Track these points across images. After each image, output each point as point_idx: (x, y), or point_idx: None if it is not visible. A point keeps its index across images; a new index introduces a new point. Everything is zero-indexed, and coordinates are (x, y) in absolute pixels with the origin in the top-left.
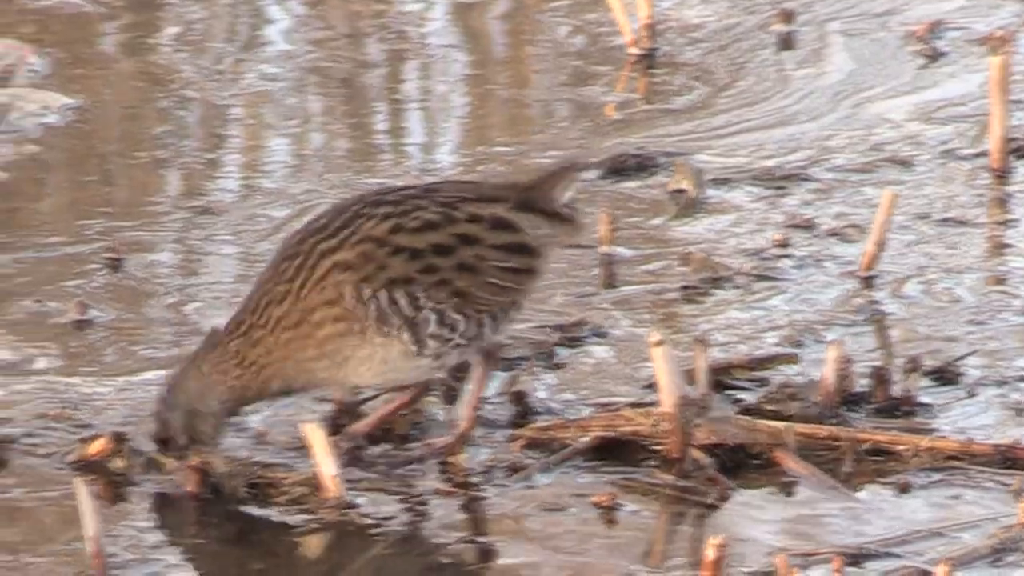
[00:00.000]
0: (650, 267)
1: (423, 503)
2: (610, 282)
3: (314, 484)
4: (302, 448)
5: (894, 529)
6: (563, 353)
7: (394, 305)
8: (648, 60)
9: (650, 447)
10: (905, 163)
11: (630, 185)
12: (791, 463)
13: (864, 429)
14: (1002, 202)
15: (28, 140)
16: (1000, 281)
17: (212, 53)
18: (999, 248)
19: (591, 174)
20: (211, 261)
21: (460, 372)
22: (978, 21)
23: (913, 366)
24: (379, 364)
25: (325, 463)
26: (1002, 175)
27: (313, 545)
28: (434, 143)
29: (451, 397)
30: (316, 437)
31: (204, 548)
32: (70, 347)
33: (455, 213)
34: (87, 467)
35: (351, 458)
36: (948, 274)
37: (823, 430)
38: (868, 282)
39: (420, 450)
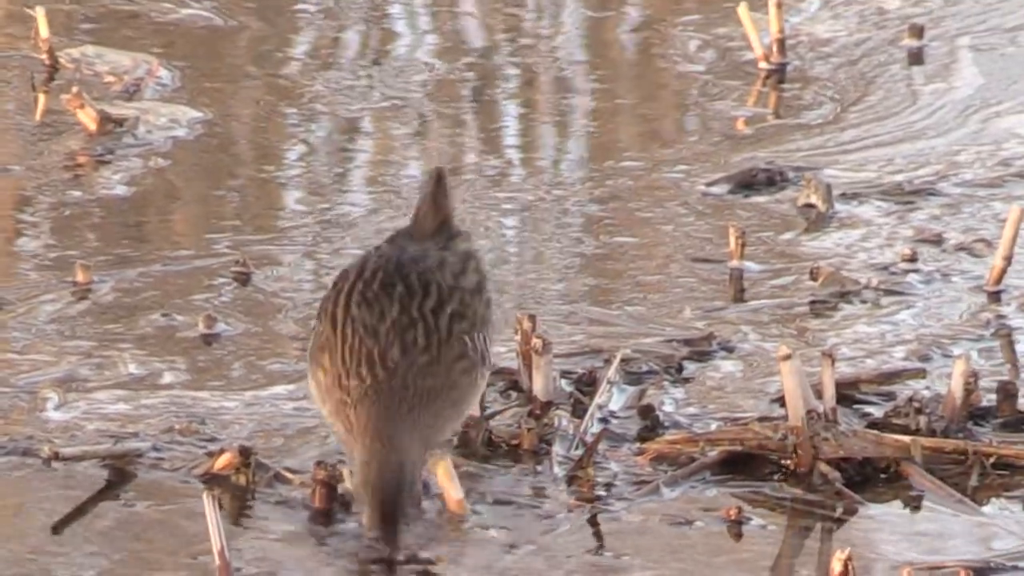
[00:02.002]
0: (779, 281)
1: (550, 517)
2: (739, 296)
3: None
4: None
5: (1020, 543)
6: (691, 367)
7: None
8: (778, 75)
9: (777, 461)
10: None
11: (759, 200)
12: (918, 477)
13: (990, 443)
14: None
15: (156, 154)
16: None
17: (341, 67)
18: None
19: (720, 188)
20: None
21: (588, 386)
22: None
23: None
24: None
25: (450, 487)
26: None
27: (441, 561)
28: (562, 158)
29: (579, 410)
30: (442, 466)
31: (331, 564)
32: (198, 361)
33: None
34: (213, 481)
35: None
36: None
37: (949, 444)
38: (996, 297)
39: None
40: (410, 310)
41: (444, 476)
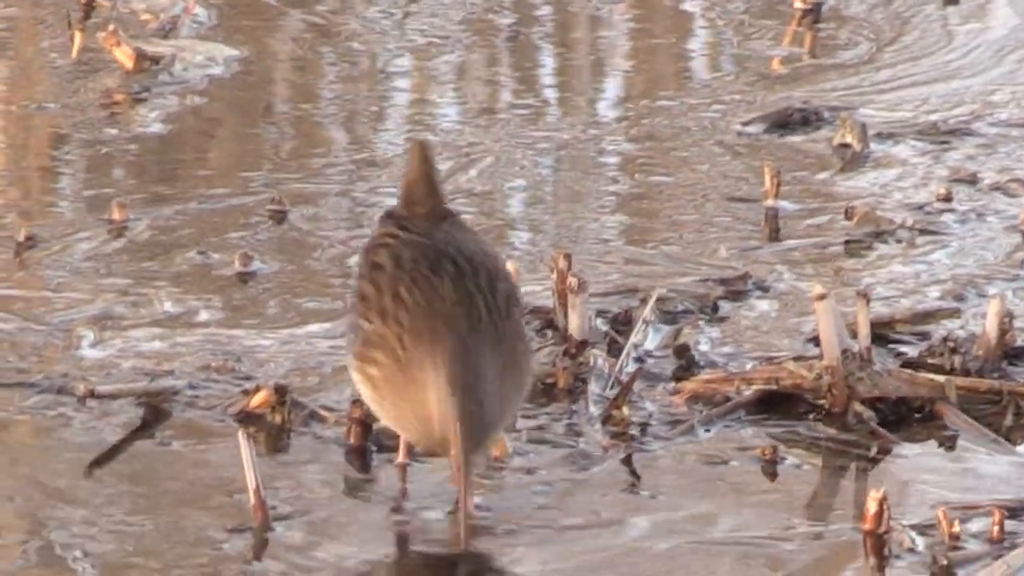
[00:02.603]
0: (814, 221)
1: (586, 456)
2: (774, 236)
3: None
4: None
5: None
6: (726, 307)
7: None
8: (814, 14)
9: (812, 401)
10: None
11: (795, 139)
12: (952, 417)
13: None
14: None
15: (193, 92)
16: None
17: (378, 5)
18: None
19: (756, 128)
20: (375, 213)
21: (624, 325)
22: None
23: None
24: None
25: None
26: None
27: (475, 498)
28: (598, 97)
29: (614, 350)
30: None
31: (366, 501)
32: (233, 299)
33: None
34: (249, 419)
35: None
36: None
37: (984, 384)
38: None
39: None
40: (466, 286)
41: None
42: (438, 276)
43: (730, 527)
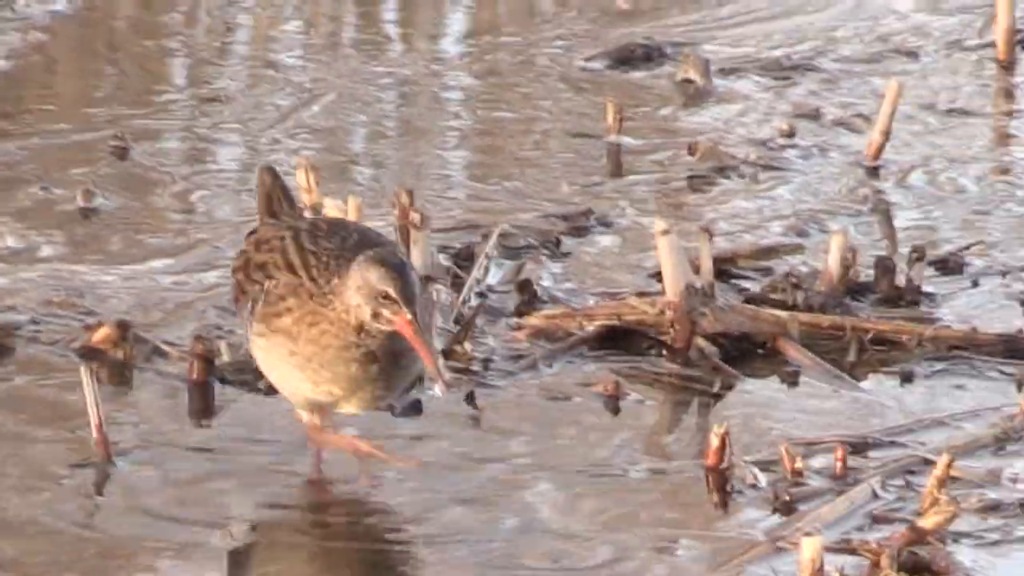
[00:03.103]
0: (656, 157)
1: (427, 390)
2: (617, 172)
3: None
4: None
5: (897, 418)
6: (569, 242)
7: None
8: None
9: (655, 336)
10: (911, 54)
11: (637, 75)
12: (795, 353)
13: (868, 319)
14: (1007, 93)
15: (35, 28)
16: (1005, 171)
17: None
18: (1004, 139)
19: (598, 64)
20: (218, 150)
21: (466, 260)
22: None
23: (917, 256)
24: None
25: None
26: (1008, 66)
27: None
28: (441, 33)
29: (457, 285)
30: None
31: (207, 435)
32: (76, 235)
33: None
34: (92, 355)
35: None
36: (953, 164)
37: (827, 320)
38: (873, 172)
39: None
40: (370, 235)
41: None
42: (344, 229)
43: (573, 462)
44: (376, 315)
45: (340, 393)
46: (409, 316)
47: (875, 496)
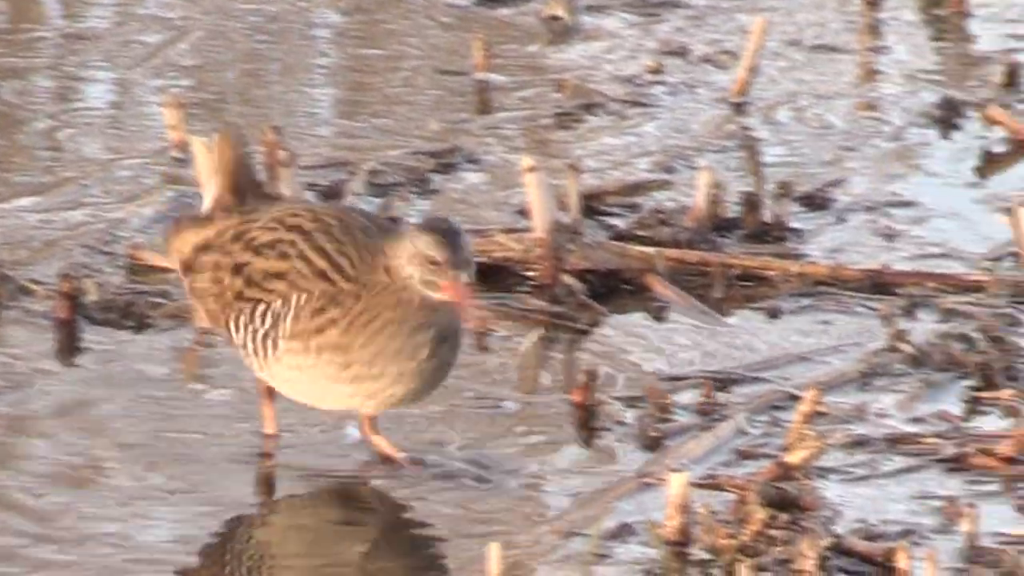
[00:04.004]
0: (524, 94)
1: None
2: (484, 109)
3: (185, 313)
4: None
5: (764, 354)
6: (436, 179)
7: None
8: None
9: (522, 273)
10: None
11: (504, 12)
12: (662, 288)
13: (735, 254)
14: (873, 29)
15: None
16: (870, 107)
17: None
18: (870, 75)
19: (465, 0)
20: (85, 87)
21: (334, 198)
22: None
23: (784, 192)
24: None
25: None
26: (873, 2)
27: (185, 367)
28: None
29: None
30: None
31: (76, 374)
32: None
33: None
34: None
35: None
36: (819, 100)
37: (694, 255)
38: (740, 108)
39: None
40: (368, 215)
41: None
42: (346, 215)
43: (441, 398)
44: (428, 282)
45: (398, 395)
46: (458, 280)
47: (741, 432)
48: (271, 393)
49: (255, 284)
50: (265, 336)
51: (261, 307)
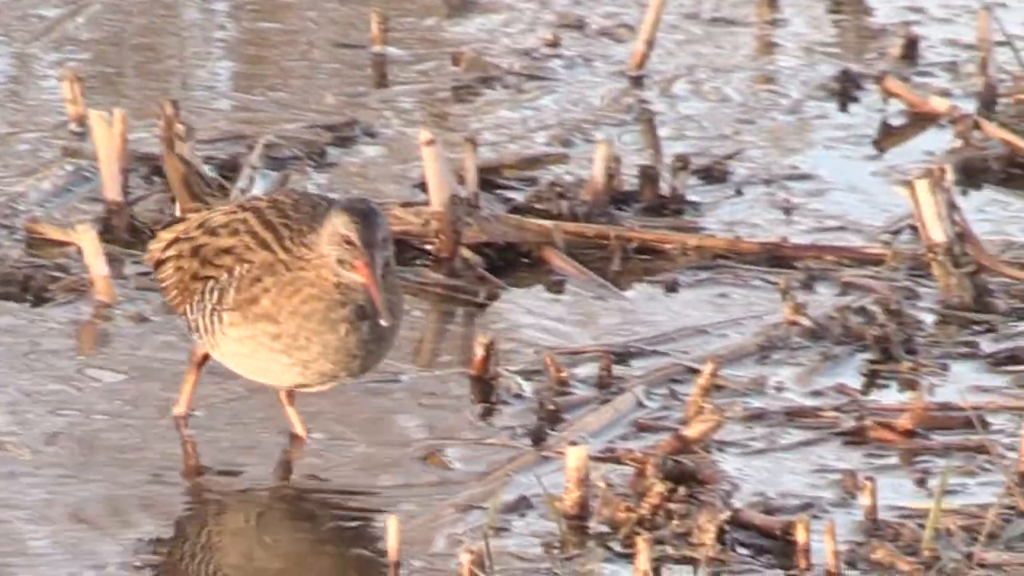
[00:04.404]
0: (421, 67)
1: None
2: (381, 82)
3: (83, 286)
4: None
5: (662, 327)
6: (334, 153)
7: None
8: None
9: (420, 246)
10: None
11: None
12: (560, 262)
13: (632, 228)
14: (770, 1)
15: None
16: (768, 80)
17: None
18: (767, 47)
19: None
20: None
21: (231, 171)
22: None
23: (681, 165)
24: None
25: (96, 263)
26: None
27: (82, 341)
28: None
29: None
30: (87, 239)
31: None
32: None
33: None
34: None
35: None
36: (717, 73)
37: (591, 229)
38: (638, 81)
39: None
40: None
41: (91, 252)
42: (308, 200)
43: None
44: (341, 261)
45: (330, 368)
46: (366, 259)
47: (640, 405)
48: (197, 368)
49: (208, 262)
50: (212, 311)
51: (211, 283)
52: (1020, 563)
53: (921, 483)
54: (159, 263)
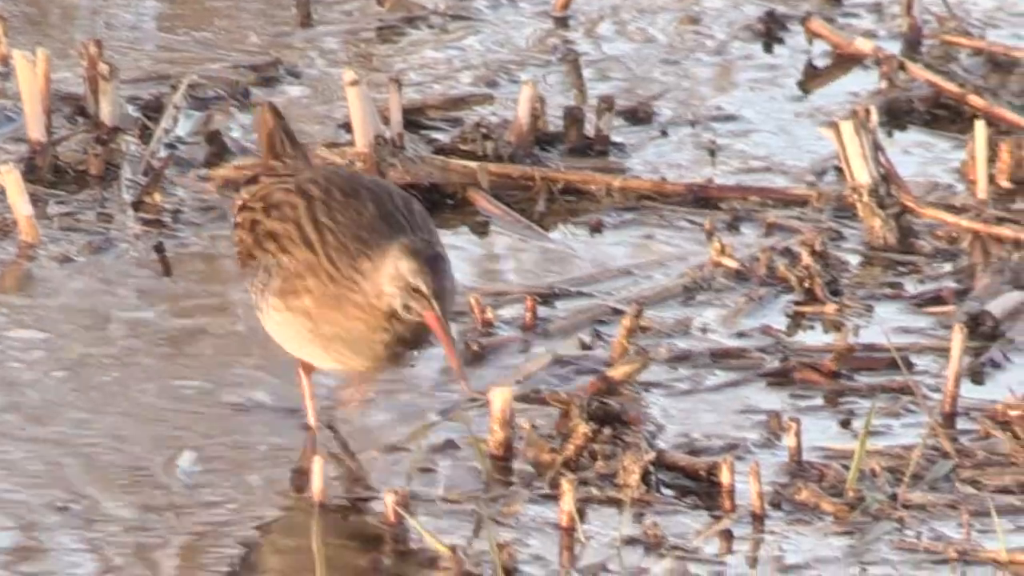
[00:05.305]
0: (346, 7)
1: (111, 242)
2: (306, 22)
3: (7, 227)
4: None
5: (586, 268)
6: (258, 92)
7: None
8: None
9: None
10: None
11: None
12: (485, 203)
13: (557, 169)
14: None
15: None
16: (694, 21)
17: None
18: None
19: None
20: None
21: (155, 111)
22: None
23: (607, 106)
24: None
25: (20, 205)
26: None
27: (6, 278)
28: None
29: (146, 136)
30: (11, 179)
31: None
32: None
33: None
34: None
35: None
36: (642, 14)
37: (516, 170)
38: (563, 22)
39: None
40: (386, 205)
41: (14, 192)
42: (358, 199)
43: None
44: (407, 307)
45: (361, 367)
46: (438, 313)
47: (585, 348)
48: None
49: (259, 243)
50: (262, 288)
51: (261, 262)
52: (944, 503)
53: (846, 424)
54: (235, 224)
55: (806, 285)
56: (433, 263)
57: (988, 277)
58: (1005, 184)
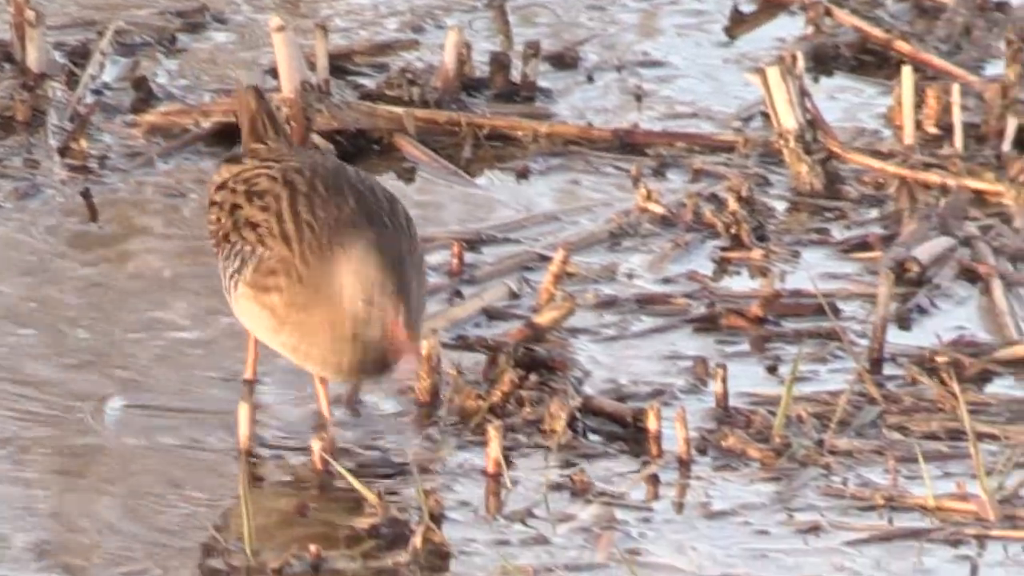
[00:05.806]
0: None
1: (37, 188)
2: None
3: None
4: None
5: (513, 214)
6: (184, 39)
7: None
8: None
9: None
10: None
11: None
12: (411, 149)
13: (484, 115)
14: None
15: None
16: None
17: None
18: None
19: None
20: None
21: (82, 58)
22: None
23: (532, 51)
24: None
25: None
26: None
27: None
28: None
29: (73, 82)
30: None
31: None
32: None
33: None
34: None
35: None
36: None
37: (443, 115)
38: None
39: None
40: (368, 201)
41: None
42: (341, 195)
43: (185, 252)
44: (368, 304)
45: (325, 374)
46: (400, 317)
47: (513, 295)
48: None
49: (238, 229)
50: (233, 274)
51: (236, 247)
52: (870, 449)
53: (772, 370)
54: (211, 201)
55: (732, 231)
56: (393, 264)
57: (915, 223)
58: (932, 130)
